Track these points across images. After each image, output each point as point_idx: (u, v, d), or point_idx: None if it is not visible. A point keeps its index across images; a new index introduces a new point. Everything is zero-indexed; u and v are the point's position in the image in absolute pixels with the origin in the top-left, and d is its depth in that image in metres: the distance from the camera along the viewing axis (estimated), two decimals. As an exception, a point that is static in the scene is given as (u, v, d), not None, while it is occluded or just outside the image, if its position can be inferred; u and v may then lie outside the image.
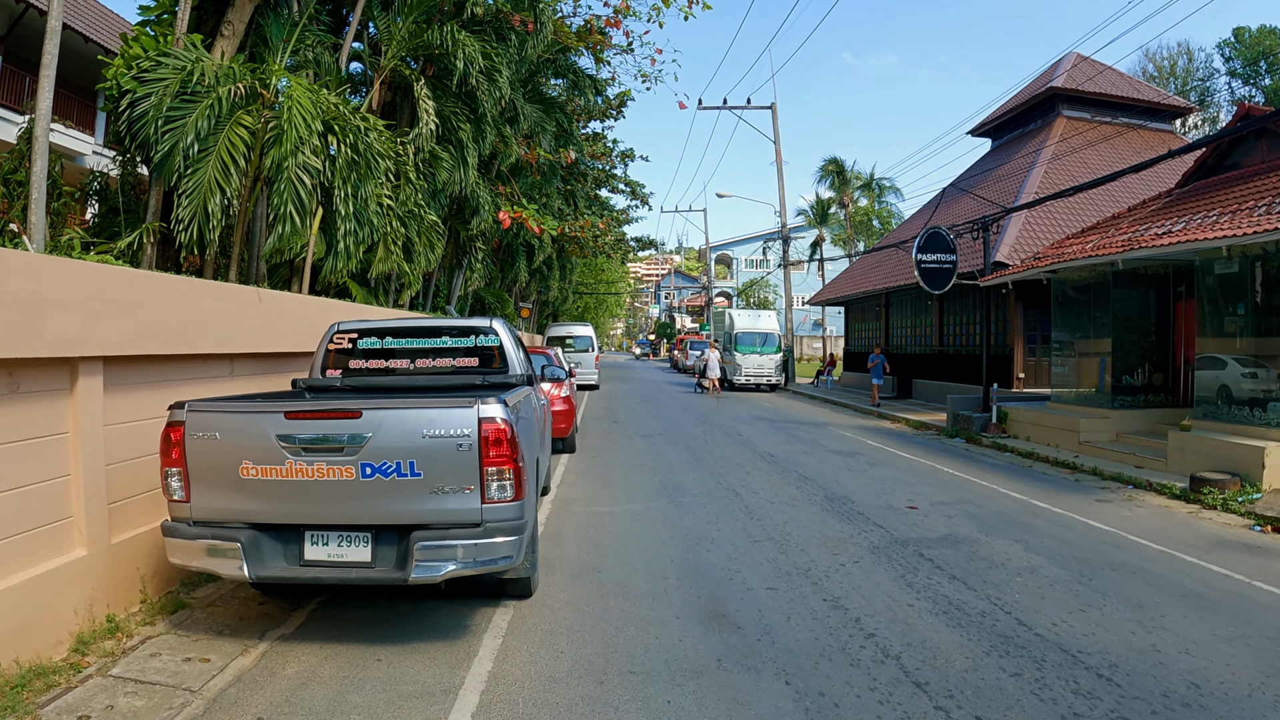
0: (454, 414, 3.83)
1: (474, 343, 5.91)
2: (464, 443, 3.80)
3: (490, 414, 3.84)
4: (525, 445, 4.29)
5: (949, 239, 15.49)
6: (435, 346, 5.97)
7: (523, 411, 4.68)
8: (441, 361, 5.96)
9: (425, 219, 11.23)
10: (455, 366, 5.95)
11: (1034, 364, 19.49)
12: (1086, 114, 23.87)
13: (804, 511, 7.83)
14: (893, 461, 11.48)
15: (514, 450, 3.86)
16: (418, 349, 6.00)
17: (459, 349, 5.95)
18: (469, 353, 5.95)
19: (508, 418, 3.89)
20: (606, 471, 9.90)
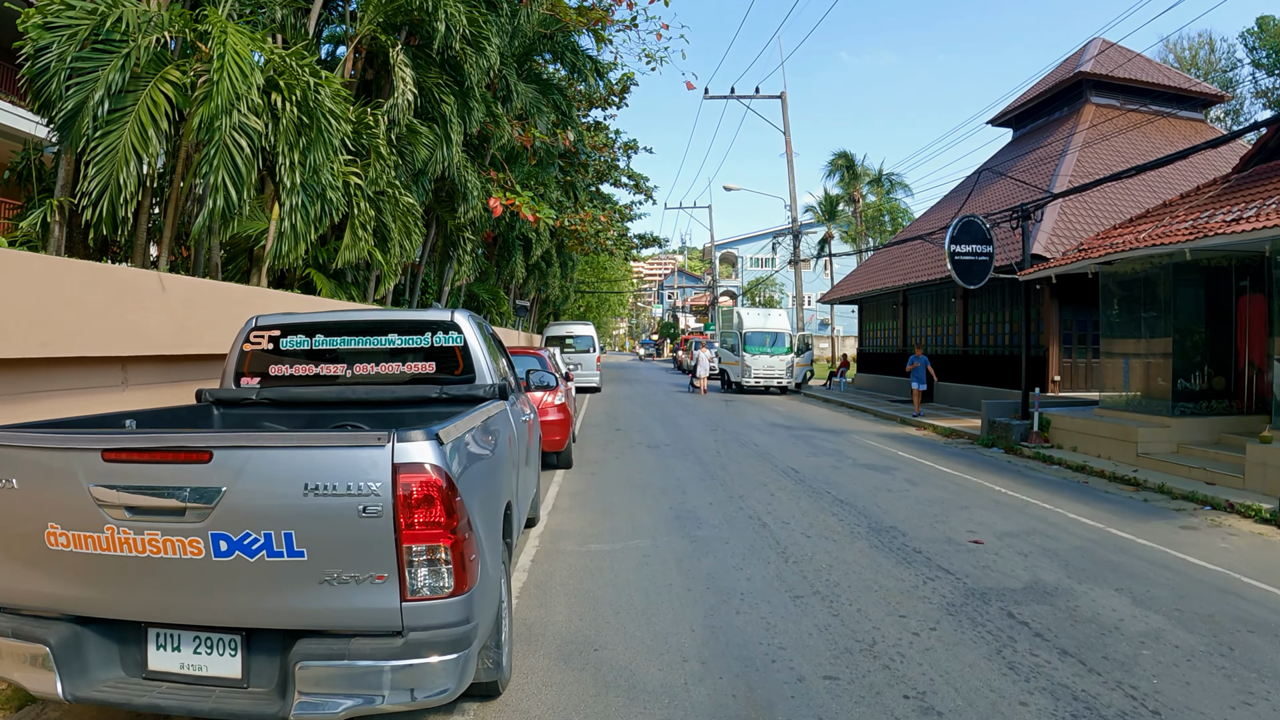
0: (353, 458, 2.42)
1: (430, 343, 4.49)
2: (370, 505, 2.38)
3: (414, 457, 2.42)
4: (481, 501, 2.89)
5: (985, 228, 14.05)
6: (380, 348, 4.55)
7: (482, 443, 3.27)
8: (388, 367, 4.54)
9: (400, 201, 9.81)
10: (405, 373, 4.53)
11: (1070, 365, 18.06)
12: (1115, 101, 22.51)
13: (848, 549, 6.39)
14: (933, 478, 10.04)
15: (453, 515, 2.44)
16: (357, 350, 4.58)
17: (411, 351, 4.53)
18: (424, 355, 4.53)
19: (443, 463, 2.48)
20: (607, 493, 8.47)
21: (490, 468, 3.31)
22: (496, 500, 3.39)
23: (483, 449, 3.24)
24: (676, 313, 77.95)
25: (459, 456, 2.70)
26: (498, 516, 3.39)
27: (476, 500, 2.81)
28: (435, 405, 4.33)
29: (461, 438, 2.80)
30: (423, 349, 4.50)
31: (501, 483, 3.58)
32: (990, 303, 19.75)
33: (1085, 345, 18.17)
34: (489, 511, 3.11)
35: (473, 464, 2.90)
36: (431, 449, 2.43)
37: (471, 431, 3.06)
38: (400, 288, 15.74)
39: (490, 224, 15.65)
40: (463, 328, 4.44)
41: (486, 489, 3.11)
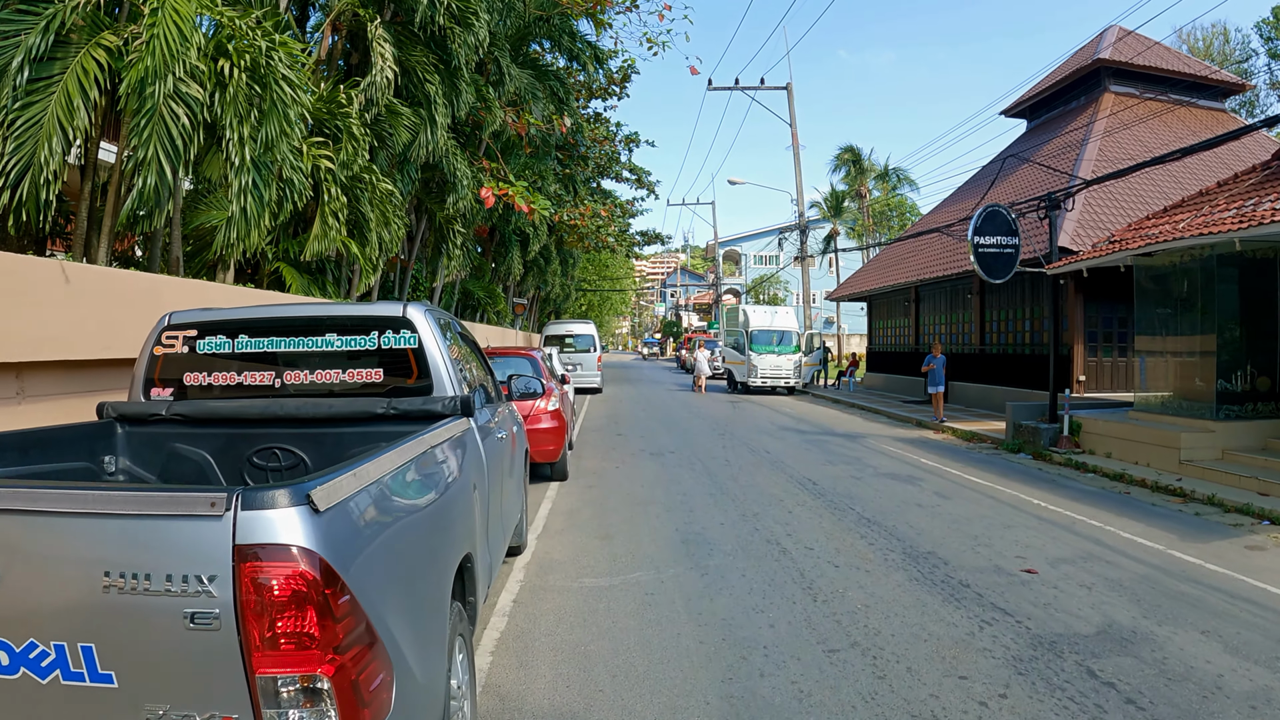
0: (171, 535, 1.53)
1: (378, 344, 3.60)
2: (200, 610, 1.50)
3: (270, 536, 1.53)
4: (404, 580, 2.01)
5: (1011, 219, 13.14)
6: (315, 350, 3.66)
7: (413, 488, 2.37)
8: (325, 374, 3.66)
9: (378, 187, 8.93)
10: (346, 382, 3.64)
11: (1095, 365, 17.14)
12: (1134, 89, 21.61)
13: (884, 582, 5.49)
14: (964, 490, 9.14)
15: (338, 625, 1.55)
16: (288, 354, 3.70)
17: (353, 354, 3.64)
18: (370, 360, 3.64)
19: (320, 543, 1.58)
20: (605, 511, 7.57)
21: (428, 523, 2.42)
22: (438, 564, 2.49)
23: (414, 498, 2.34)
24: (679, 311, 77.05)
25: (355, 526, 1.80)
26: (442, 586, 2.49)
27: (395, 583, 1.94)
28: (380, 423, 3.45)
29: (361, 496, 1.88)
30: (368, 352, 3.61)
31: (450, 536, 2.68)
32: (1009, 299, 18.84)
33: (1111, 343, 17.27)
34: (422, 588, 2.23)
35: (388, 529, 2.01)
36: (300, 521, 1.55)
37: (390, 479, 2.14)
38: (389, 285, 14.88)
39: (482, 216, 14.76)
40: (418, 325, 3.55)
41: (418, 557, 2.23)
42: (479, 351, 4.76)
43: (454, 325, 4.13)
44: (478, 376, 4.38)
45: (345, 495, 1.76)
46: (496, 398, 5.03)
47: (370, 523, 1.91)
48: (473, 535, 3.05)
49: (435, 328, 3.61)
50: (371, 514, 1.95)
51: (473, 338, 4.65)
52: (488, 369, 4.93)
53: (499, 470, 4.02)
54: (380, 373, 3.60)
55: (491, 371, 5.02)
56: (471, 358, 4.45)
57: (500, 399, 5.08)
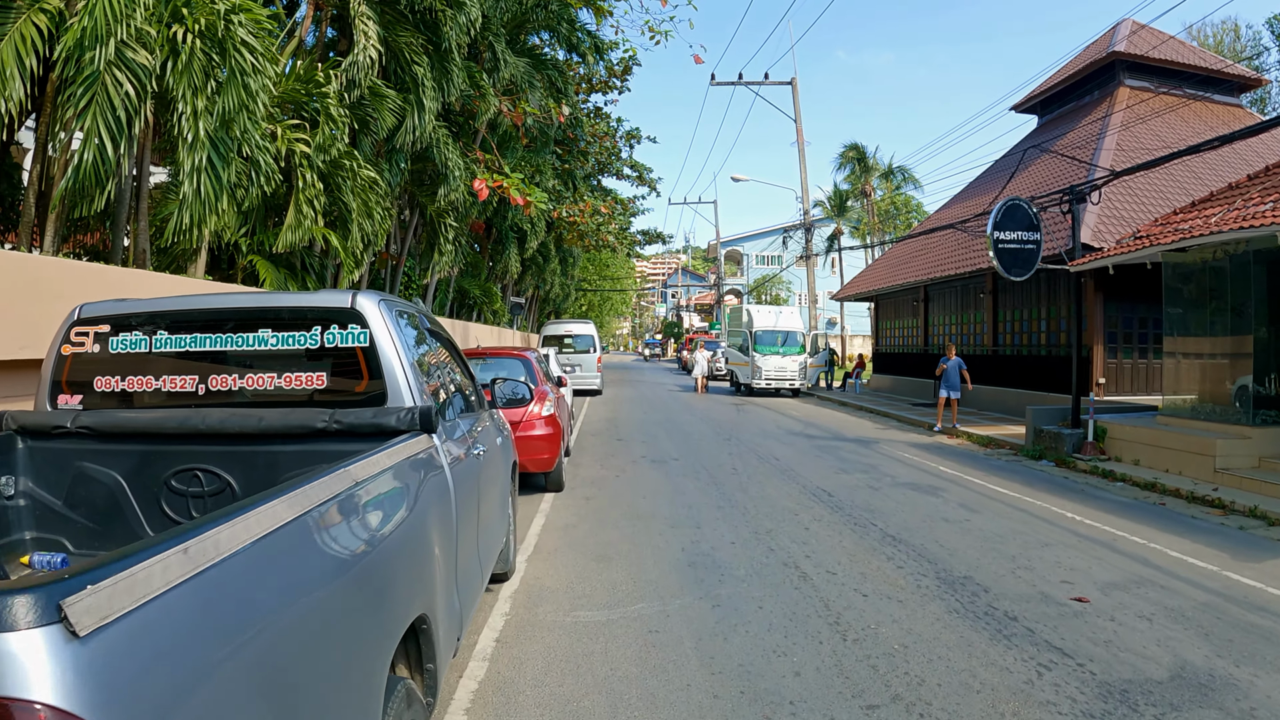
0: None
1: (320, 341, 2.94)
2: None
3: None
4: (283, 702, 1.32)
5: (1032, 213, 12.46)
6: (247, 350, 3.00)
7: (322, 548, 1.69)
8: (257, 379, 2.99)
9: (360, 174, 8.28)
10: (282, 389, 2.98)
11: (1115, 366, 16.47)
12: (1149, 83, 21.03)
13: (921, 615, 4.83)
14: (991, 501, 8.48)
15: None
16: (215, 354, 3.04)
17: (291, 354, 2.98)
18: (312, 361, 2.98)
19: (82, 701, 0.88)
20: (604, 528, 6.90)
21: (348, 594, 1.74)
22: (364, 649, 1.81)
23: (313, 568, 1.65)
24: (680, 312, 76.37)
25: (174, 649, 1.11)
26: (371, 675, 1.82)
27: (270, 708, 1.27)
28: (322, 440, 2.79)
29: (180, 596, 1.15)
30: (309, 351, 2.95)
31: (389, 600, 2.00)
32: (1024, 298, 18.19)
33: (1132, 345, 16.60)
34: (329, 693, 1.56)
35: (255, 638, 1.31)
36: (47, 657, 0.89)
37: (257, 548, 1.44)
38: (379, 282, 14.23)
39: (476, 208, 14.10)
40: (369, 319, 2.88)
41: (320, 654, 1.55)
42: (456, 352, 4.10)
43: (422, 320, 3.46)
44: (452, 381, 3.72)
45: (145, 597, 1.08)
46: (479, 405, 4.38)
47: (213, 637, 1.22)
48: (430, 588, 2.38)
49: (392, 322, 2.94)
50: (215, 622, 1.23)
51: (448, 335, 3.99)
52: (467, 372, 4.27)
53: (474, 494, 3.36)
54: (323, 377, 2.93)
55: (472, 375, 4.35)
56: (446, 359, 3.79)
57: (482, 406, 4.42)
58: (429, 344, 3.42)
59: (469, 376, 4.29)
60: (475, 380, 4.38)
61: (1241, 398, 10.76)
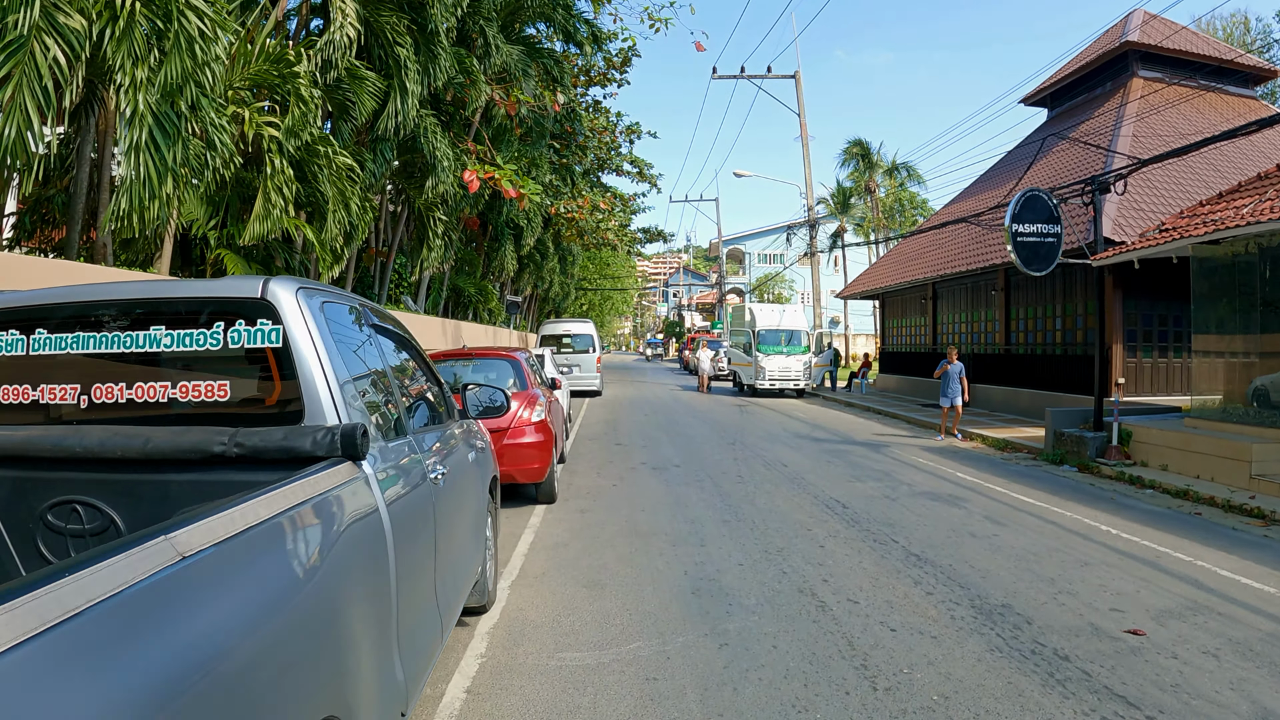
0: None
1: (223, 341, 2.31)
2: None
3: None
4: None
5: (1052, 205, 11.83)
6: (134, 351, 2.38)
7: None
8: (146, 389, 2.36)
9: (336, 161, 7.66)
10: (177, 401, 2.35)
11: (1134, 366, 15.82)
12: (1163, 74, 20.45)
13: (960, 655, 4.20)
14: (1017, 513, 7.85)
15: None
16: (98, 358, 2.42)
17: (190, 357, 2.35)
18: (214, 365, 2.35)
19: None
20: (598, 547, 6.27)
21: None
22: None
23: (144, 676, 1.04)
24: (682, 311, 75.73)
25: None
26: None
27: None
28: (222, 468, 2.16)
29: None
30: (211, 354, 2.33)
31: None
32: (1037, 295, 17.56)
33: (1151, 343, 15.96)
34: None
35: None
36: None
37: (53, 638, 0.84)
38: (368, 280, 13.62)
39: (467, 202, 13.48)
40: (283, 312, 2.25)
41: None
42: (417, 353, 3.47)
43: (365, 314, 2.83)
44: (405, 390, 3.10)
45: None
46: (448, 415, 3.75)
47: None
48: (345, 678, 1.75)
49: (314, 316, 2.31)
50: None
51: (404, 334, 3.36)
52: (432, 377, 3.65)
53: (430, 529, 2.72)
54: (226, 387, 2.30)
55: (440, 381, 3.73)
56: (403, 364, 3.17)
57: (452, 417, 3.79)
58: (374, 345, 2.79)
59: (435, 382, 3.67)
60: (444, 387, 3.76)
61: (1259, 397, 10.19)
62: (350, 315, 2.69)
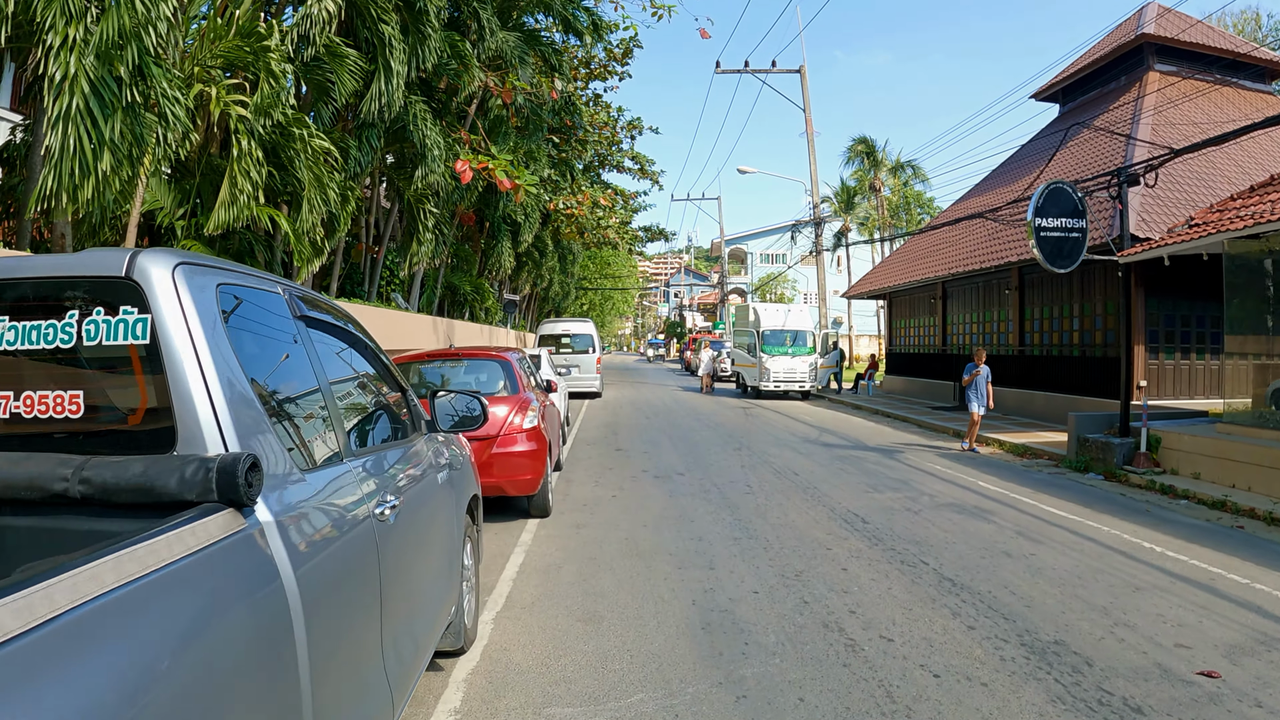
0: None
1: (76, 335, 1.68)
2: None
3: None
4: None
5: (1077, 198, 11.21)
6: None
7: None
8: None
9: (311, 145, 7.04)
10: (21, 417, 1.72)
11: (1156, 368, 15.19)
12: (1179, 68, 19.89)
13: (1016, 708, 3.56)
14: (1050, 527, 7.22)
15: None
16: None
17: (35, 356, 1.72)
18: (64, 369, 1.72)
19: None
20: (595, 570, 5.63)
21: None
22: None
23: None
24: (683, 311, 75.09)
25: None
26: None
27: None
28: (68, 512, 1.54)
29: None
30: (60, 353, 1.70)
31: None
32: (1054, 294, 16.94)
33: (1174, 344, 15.33)
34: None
35: None
36: None
37: None
38: (357, 277, 13.00)
39: (459, 193, 12.85)
40: (153, 295, 1.63)
41: None
42: (370, 353, 2.83)
43: (292, 303, 2.19)
44: (347, 403, 2.47)
45: None
46: (412, 429, 3.12)
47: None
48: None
49: (197, 303, 1.67)
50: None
51: (355, 329, 2.73)
52: (393, 383, 3.02)
53: (369, 590, 2.08)
54: (79, 398, 1.68)
55: (402, 387, 3.10)
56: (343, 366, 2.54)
57: (418, 430, 3.17)
58: (304, 344, 2.16)
59: (397, 389, 3.04)
60: (408, 394, 3.13)
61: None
62: (267, 304, 2.06)
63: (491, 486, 6.46)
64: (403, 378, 3.12)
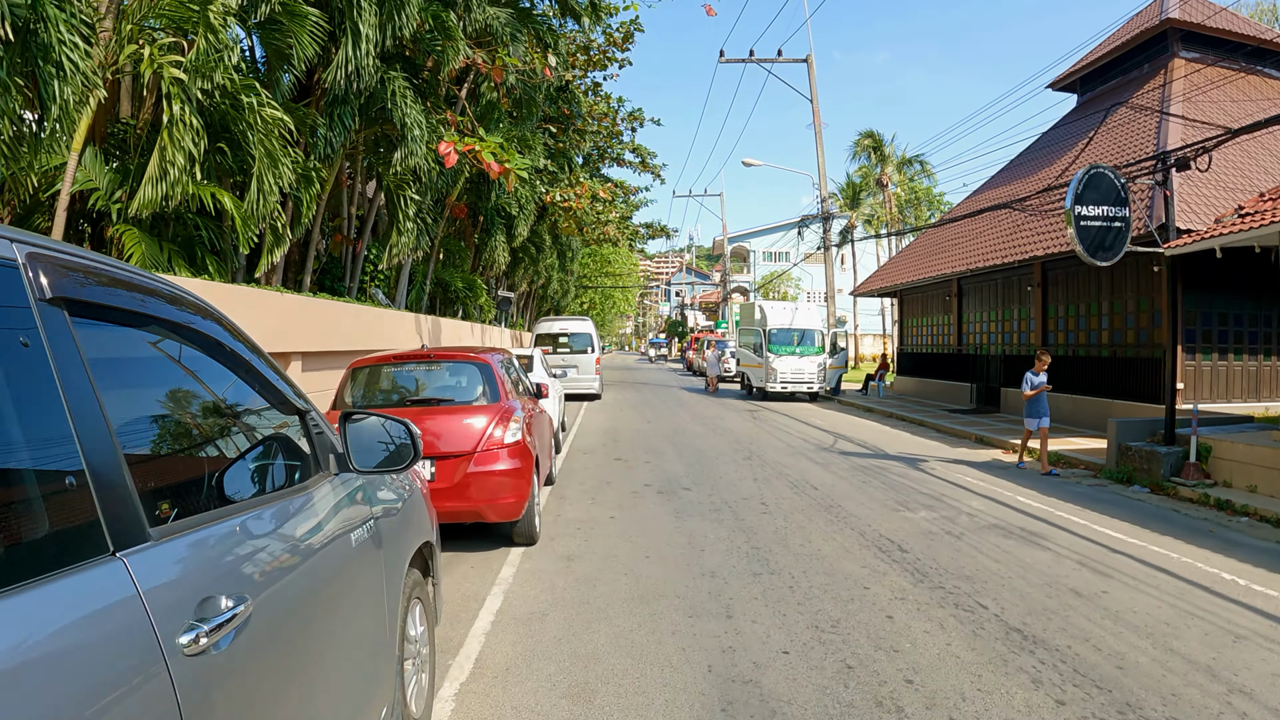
0: None
1: None
2: None
3: None
4: None
5: (1120, 185, 10.24)
6: None
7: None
8: None
9: (261, 114, 6.09)
10: None
11: (1193, 369, 14.23)
12: (1204, 56, 19.00)
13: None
14: (1115, 556, 6.26)
15: None
16: None
17: None
18: None
19: None
20: (587, 621, 4.66)
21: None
22: None
23: None
24: (685, 310, 74.11)
25: None
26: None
27: None
28: None
29: None
30: None
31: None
32: (1081, 290, 15.99)
33: (1211, 344, 14.38)
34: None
35: None
36: None
37: None
38: (338, 271, 12.05)
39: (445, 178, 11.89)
40: None
41: None
42: (228, 356, 1.85)
43: (32, 276, 1.25)
44: (164, 438, 1.53)
45: None
46: (317, 468, 2.17)
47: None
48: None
49: None
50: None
51: (198, 319, 1.77)
52: (283, 405, 2.06)
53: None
54: None
55: (297, 408, 2.13)
56: (162, 380, 1.59)
57: (323, 469, 2.20)
58: (51, 345, 1.21)
59: (292, 413, 2.09)
60: (307, 418, 2.17)
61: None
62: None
63: (467, 512, 5.51)
64: (300, 396, 2.16)
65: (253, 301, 6.39)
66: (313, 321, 7.71)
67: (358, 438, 2.28)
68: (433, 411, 5.71)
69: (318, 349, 7.73)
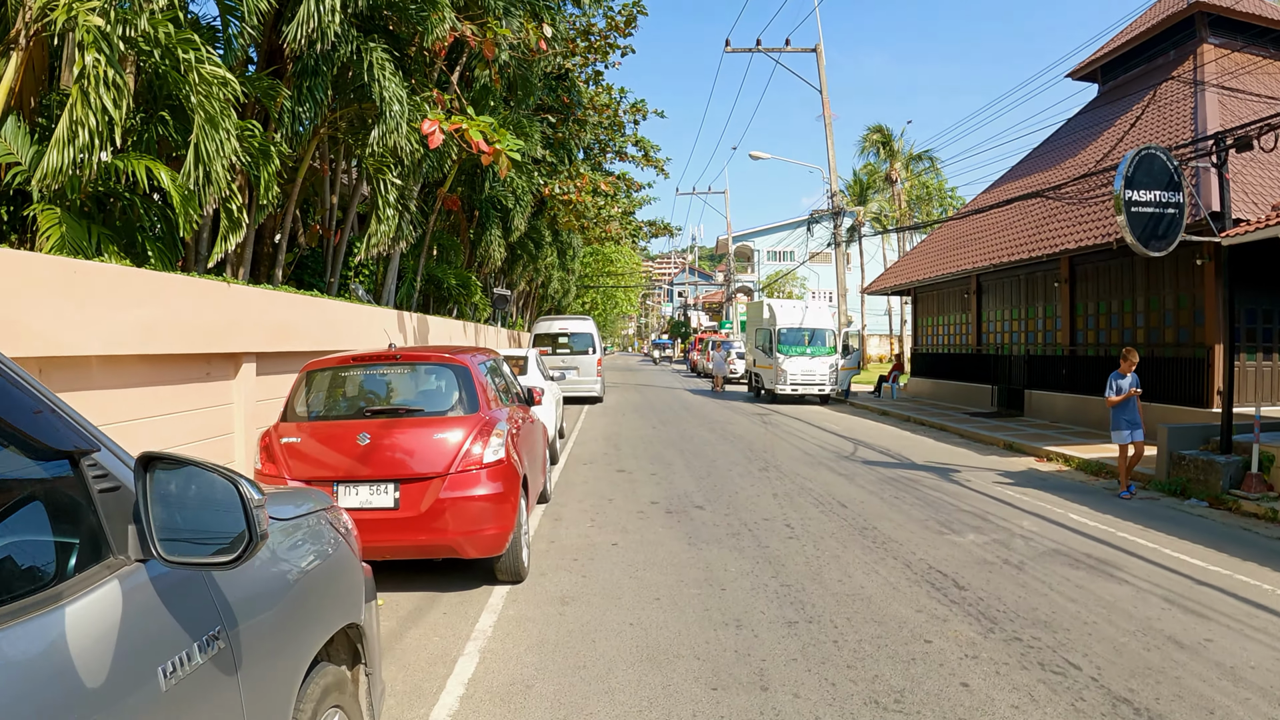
0: None
1: None
2: None
3: None
4: None
5: (1173, 168, 9.29)
6: None
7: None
8: None
9: (200, 71, 5.16)
10: None
11: (1237, 369, 13.24)
12: (1232, 41, 18.11)
13: None
14: (1201, 590, 5.30)
15: None
16: None
17: None
18: None
19: None
20: (583, 696, 3.68)
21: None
22: None
23: None
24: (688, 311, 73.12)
25: None
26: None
27: None
28: None
29: None
30: None
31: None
32: (1113, 286, 15.03)
33: (1255, 343, 13.43)
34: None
35: None
36: None
37: None
38: (318, 265, 11.12)
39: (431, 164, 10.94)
40: None
41: None
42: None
43: None
44: None
45: None
46: (90, 561, 1.23)
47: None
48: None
49: None
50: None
51: None
52: (28, 448, 1.14)
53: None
54: None
55: (74, 455, 1.21)
56: None
57: (117, 553, 1.27)
58: None
59: (55, 455, 1.16)
60: (81, 464, 1.24)
61: None
62: None
63: (439, 547, 4.56)
64: (80, 426, 1.23)
65: (192, 292, 5.44)
66: (270, 317, 6.77)
67: (172, 500, 1.34)
68: (398, 424, 4.77)
69: (276, 349, 6.78)
